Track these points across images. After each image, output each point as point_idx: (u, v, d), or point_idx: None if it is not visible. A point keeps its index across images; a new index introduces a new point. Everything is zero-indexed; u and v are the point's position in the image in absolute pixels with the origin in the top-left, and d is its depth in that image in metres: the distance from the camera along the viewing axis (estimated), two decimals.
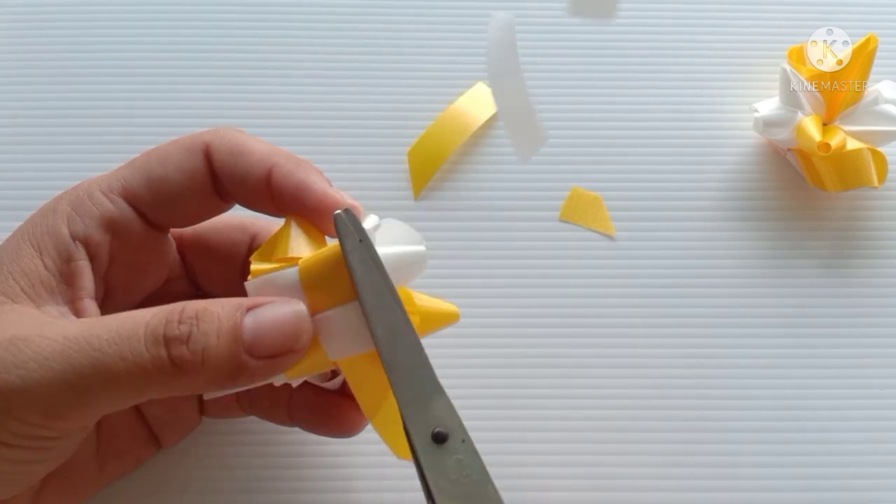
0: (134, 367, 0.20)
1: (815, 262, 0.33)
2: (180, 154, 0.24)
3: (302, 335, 0.21)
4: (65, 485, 0.25)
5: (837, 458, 0.30)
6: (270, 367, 0.21)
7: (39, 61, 0.35)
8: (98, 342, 0.20)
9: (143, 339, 0.20)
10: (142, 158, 0.24)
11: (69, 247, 0.23)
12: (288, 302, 0.21)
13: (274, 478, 0.29)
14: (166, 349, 0.20)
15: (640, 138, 0.34)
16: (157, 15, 0.36)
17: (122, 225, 0.23)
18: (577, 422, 0.30)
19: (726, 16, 0.36)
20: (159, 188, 0.23)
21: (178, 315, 0.20)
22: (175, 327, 0.20)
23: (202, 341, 0.20)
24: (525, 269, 0.32)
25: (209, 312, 0.21)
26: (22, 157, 0.33)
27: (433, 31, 0.36)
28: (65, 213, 0.23)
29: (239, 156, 0.23)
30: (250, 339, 0.21)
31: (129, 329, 0.20)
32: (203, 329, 0.20)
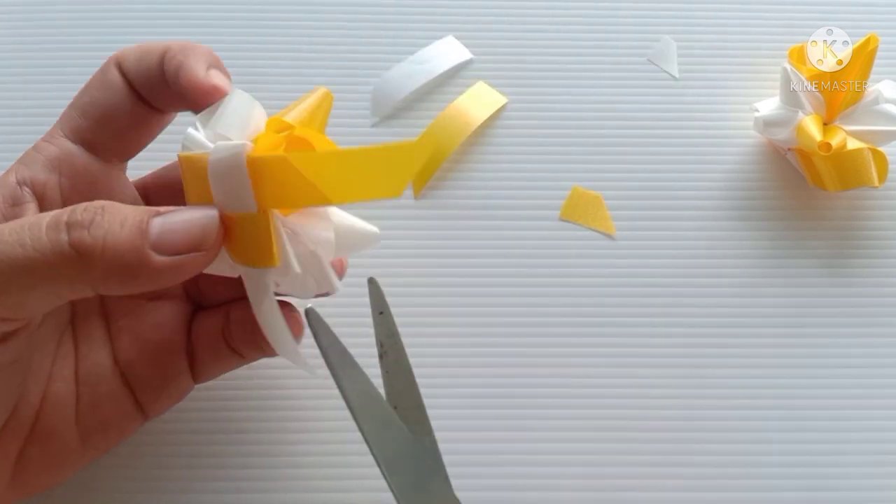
0: (32, 253, 0.20)
1: (815, 262, 0.33)
2: (97, 76, 0.25)
3: (209, 236, 0.21)
4: (46, 456, 0.24)
5: (838, 458, 0.30)
6: (176, 266, 0.21)
7: (35, 60, 0.35)
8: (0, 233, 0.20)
9: (44, 226, 0.20)
10: (73, 98, 0.25)
11: (14, 191, 0.23)
12: (201, 209, 0.22)
13: (270, 477, 0.29)
14: (67, 234, 0.20)
15: (640, 138, 0.34)
16: (155, 15, 0.36)
17: (67, 160, 0.24)
18: (576, 422, 0.30)
19: (726, 16, 0.36)
20: (91, 112, 0.25)
21: (84, 205, 0.21)
22: (78, 214, 0.20)
23: (104, 227, 0.20)
24: (525, 269, 0.32)
25: (115, 206, 0.21)
26: None
27: (433, 31, 0.36)
28: (14, 168, 0.24)
29: (142, 56, 0.24)
30: (156, 234, 0.20)
31: (34, 220, 0.20)
32: (107, 218, 0.20)
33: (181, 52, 0.24)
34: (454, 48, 0.35)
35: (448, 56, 0.35)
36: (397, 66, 0.35)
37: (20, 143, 0.33)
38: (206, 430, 0.29)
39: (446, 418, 0.30)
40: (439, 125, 0.34)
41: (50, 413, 0.24)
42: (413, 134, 0.34)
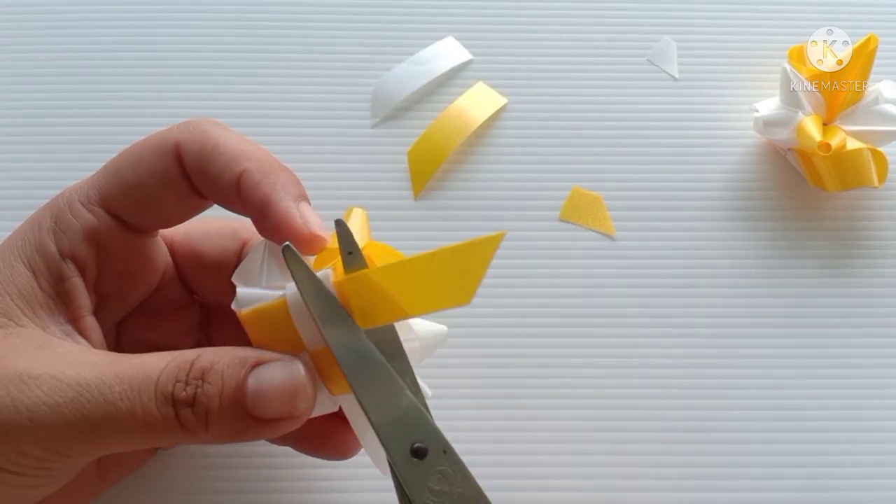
0: (143, 423, 0.20)
1: (815, 262, 0.33)
2: (151, 156, 0.23)
3: (300, 402, 0.21)
4: (67, 498, 0.25)
5: (837, 458, 0.30)
6: (272, 429, 0.21)
7: (35, 60, 0.35)
8: (111, 394, 0.20)
9: (153, 396, 0.20)
10: (115, 163, 0.24)
11: (61, 266, 0.23)
12: (290, 362, 0.21)
13: (272, 478, 0.29)
14: (174, 409, 0.20)
15: (640, 138, 0.34)
16: (155, 15, 0.36)
17: (105, 235, 0.23)
18: (576, 422, 0.30)
19: (726, 16, 0.36)
20: (135, 194, 0.23)
21: (186, 374, 0.20)
22: (182, 388, 0.20)
23: (205, 404, 0.20)
24: (525, 269, 0.32)
25: (213, 373, 0.21)
26: (21, 156, 0.33)
27: (433, 31, 0.36)
28: (49, 229, 0.23)
29: (209, 157, 0.22)
30: (251, 402, 0.21)
31: (141, 383, 0.20)
32: (206, 391, 0.20)
33: (265, 180, 0.22)
34: (454, 49, 0.35)
35: (448, 57, 0.35)
36: (397, 67, 0.35)
37: (20, 143, 0.33)
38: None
39: (447, 418, 0.30)
40: (439, 125, 0.34)
41: None
42: (413, 134, 0.34)
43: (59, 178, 0.33)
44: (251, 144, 0.23)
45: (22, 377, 0.20)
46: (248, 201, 0.22)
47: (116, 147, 0.33)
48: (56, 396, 0.20)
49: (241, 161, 0.22)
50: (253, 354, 0.21)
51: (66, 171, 0.33)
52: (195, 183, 0.23)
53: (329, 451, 0.25)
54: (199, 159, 0.23)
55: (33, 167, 0.33)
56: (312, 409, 0.22)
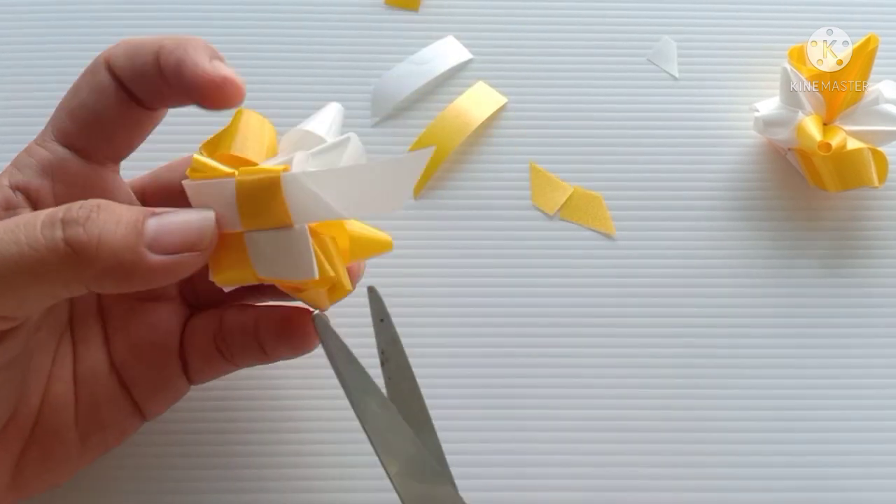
0: (27, 250, 0.20)
1: (815, 262, 0.33)
2: (87, 78, 0.24)
3: (205, 237, 0.22)
4: (46, 457, 0.24)
5: (837, 458, 0.30)
6: (171, 265, 0.21)
7: (34, 60, 0.35)
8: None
9: (39, 223, 0.20)
10: (62, 101, 0.24)
11: (8, 195, 0.23)
12: (198, 211, 0.22)
13: (263, 464, 0.29)
14: (62, 231, 0.20)
15: (640, 138, 0.34)
16: (154, 14, 0.36)
17: (60, 167, 0.24)
18: (576, 422, 0.30)
19: (726, 16, 0.36)
20: (80, 115, 0.24)
21: (80, 203, 0.21)
22: (74, 211, 0.20)
23: (100, 225, 0.20)
24: (525, 269, 0.32)
25: (111, 204, 0.21)
26: None
27: (432, 31, 0.36)
28: (7, 171, 0.24)
29: (134, 56, 0.23)
30: (152, 234, 0.21)
31: (29, 217, 0.20)
32: (103, 216, 0.20)
33: (178, 47, 0.23)
34: (454, 48, 0.35)
35: (448, 56, 0.35)
36: (397, 67, 0.35)
37: (19, 144, 0.33)
38: (206, 430, 0.29)
39: (447, 418, 0.30)
40: (439, 125, 0.34)
41: (50, 414, 0.24)
42: (413, 134, 0.34)
43: None
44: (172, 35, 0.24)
45: None
46: (166, 72, 0.23)
47: None
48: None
49: (158, 42, 0.23)
50: (153, 209, 0.21)
51: None
52: (130, 87, 0.24)
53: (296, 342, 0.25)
54: (126, 62, 0.23)
55: None
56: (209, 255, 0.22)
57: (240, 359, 0.26)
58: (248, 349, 0.26)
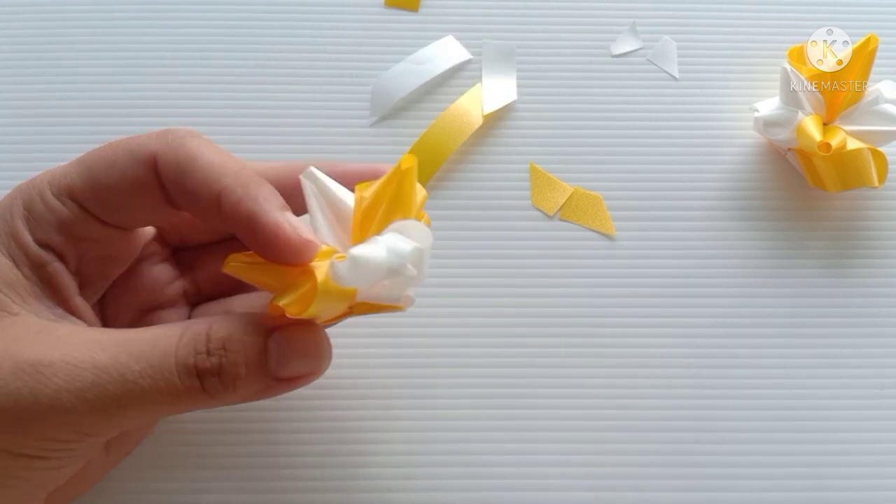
0: (168, 396, 0.21)
1: (815, 262, 0.33)
2: (126, 161, 0.23)
3: (323, 364, 0.23)
4: (78, 475, 0.25)
5: (837, 458, 0.30)
6: (294, 385, 0.22)
7: (34, 60, 0.35)
8: (131, 374, 0.20)
9: (175, 371, 0.21)
10: (89, 159, 0.23)
11: (39, 253, 0.23)
12: (310, 330, 0.22)
13: (270, 466, 0.29)
14: (199, 382, 0.21)
15: (640, 138, 0.34)
16: (153, 14, 0.36)
17: (78, 226, 0.23)
18: (576, 422, 0.30)
19: (726, 16, 0.36)
20: (104, 195, 0.23)
21: (206, 346, 0.21)
22: (205, 359, 0.21)
23: (232, 372, 0.21)
24: (525, 269, 0.32)
25: (234, 341, 0.21)
26: (19, 155, 0.33)
27: (432, 31, 0.36)
28: (22, 217, 0.23)
29: (186, 172, 0.22)
30: (274, 366, 0.22)
31: (160, 360, 0.21)
32: (231, 360, 0.21)
33: (246, 194, 0.22)
34: (453, 48, 0.35)
35: (447, 56, 0.35)
36: (396, 66, 0.35)
37: (19, 143, 0.33)
38: (211, 431, 0.29)
39: (446, 418, 0.30)
40: (440, 125, 0.34)
41: None
42: (411, 134, 0.34)
43: None
44: (229, 158, 0.23)
45: (35, 367, 0.20)
46: (233, 218, 0.22)
47: None
48: (75, 382, 0.20)
49: (219, 178, 0.22)
50: (264, 319, 0.22)
51: None
52: (172, 196, 0.23)
53: None
54: (176, 174, 0.22)
55: (33, 167, 0.33)
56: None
57: None
58: None
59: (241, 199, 0.22)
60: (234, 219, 0.22)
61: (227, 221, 0.22)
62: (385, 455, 0.29)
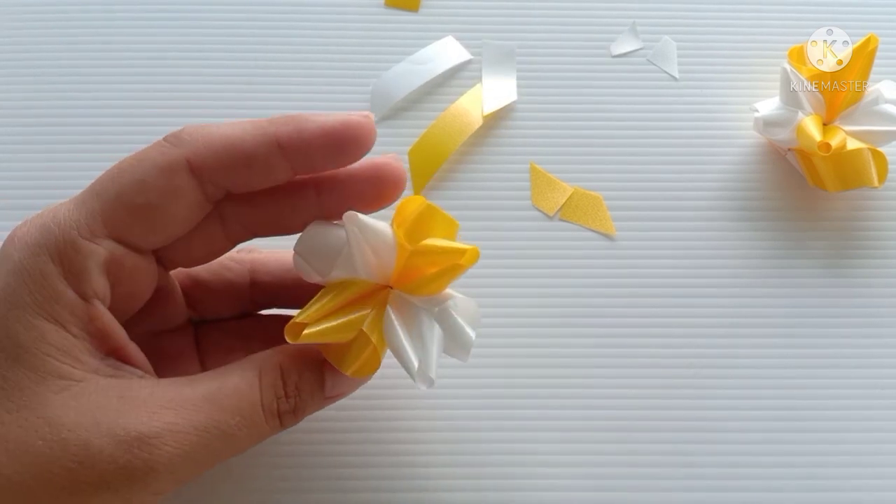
0: (257, 438, 0.23)
1: (815, 262, 0.33)
2: (158, 177, 0.22)
3: (366, 379, 0.25)
4: None
5: (838, 458, 0.30)
6: (342, 397, 0.25)
7: (35, 60, 0.35)
8: (229, 428, 0.22)
9: (264, 417, 0.23)
10: (114, 187, 0.22)
11: (88, 309, 0.22)
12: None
13: (275, 477, 0.29)
14: (280, 421, 0.23)
15: (640, 138, 0.34)
16: (153, 15, 0.36)
17: (115, 264, 0.22)
18: (576, 422, 0.30)
19: (726, 16, 0.36)
20: (145, 216, 0.22)
21: (283, 390, 0.23)
22: (285, 403, 0.23)
23: (303, 407, 0.24)
24: (525, 269, 0.32)
25: (304, 381, 0.24)
26: (19, 156, 0.33)
27: (432, 31, 0.36)
28: (58, 275, 0.21)
29: (229, 152, 0.22)
30: (329, 391, 0.25)
31: (250, 411, 0.23)
32: (304, 398, 0.24)
33: (285, 123, 0.22)
34: (453, 49, 0.35)
35: (447, 56, 0.35)
36: (396, 67, 0.35)
37: (20, 144, 0.33)
38: None
39: (446, 418, 0.30)
40: (440, 125, 0.34)
41: None
42: (411, 134, 0.34)
43: (55, 178, 0.33)
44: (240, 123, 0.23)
45: (142, 440, 0.21)
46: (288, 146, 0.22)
47: (113, 147, 0.33)
48: (184, 446, 0.21)
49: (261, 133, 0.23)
50: (317, 354, 0.24)
51: (64, 171, 0.33)
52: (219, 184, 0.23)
53: None
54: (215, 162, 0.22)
55: (32, 167, 0.33)
56: None
57: None
58: None
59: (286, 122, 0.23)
60: (289, 146, 0.22)
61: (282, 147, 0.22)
62: (384, 455, 0.29)
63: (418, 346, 0.23)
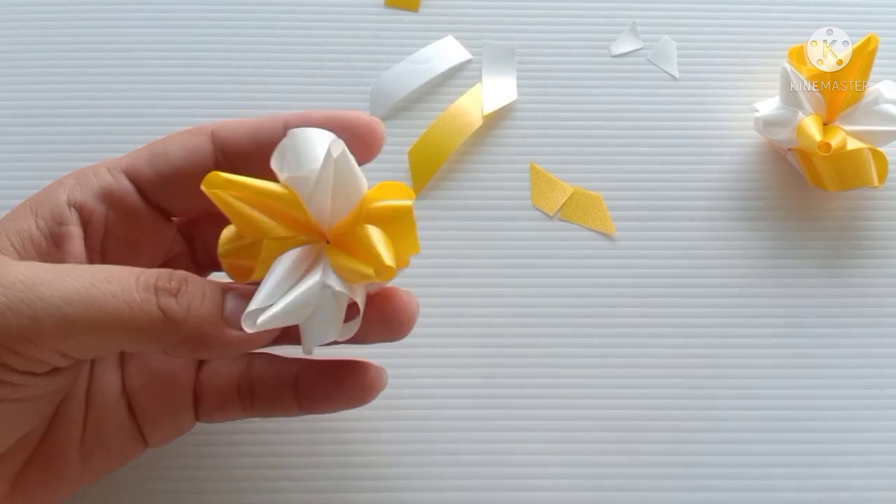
0: (123, 306, 0.21)
1: (815, 262, 0.33)
2: (184, 137, 0.24)
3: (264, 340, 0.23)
4: (46, 473, 0.24)
5: (837, 458, 0.30)
6: (244, 340, 0.22)
7: (36, 60, 0.35)
8: (92, 277, 0.21)
9: (135, 284, 0.21)
10: (148, 144, 0.25)
11: (63, 210, 0.23)
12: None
13: (266, 477, 0.29)
14: (156, 297, 0.21)
15: (640, 138, 0.34)
16: (153, 15, 0.36)
17: (120, 197, 0.24)
18: (576, 422, 0.30)
19: (726, 16, 0.36)
20: (160, 163, 0.24)
21: (168, 273, 0.22)
22: (166, 281, 0.21)
23: (189, 298, 0.22)
24: (525, 269, 0.32)
25: (195, 281, 0.22)
26: (18, 156, 0.33)
27: (432, 31, 0.36)
28: (67, 185, 0.24)
29: (256, 132, 0.24)
30: (229, 311, 0.22)
31: (122, 272, 0.21)
32: (191, 289, 0.22)
33: (295, 112, 0.24)
34: (453, 48, 0.35)
35: (447, 56, 0.35)
36: (396, 66, 0.35)
37: (20, 144, 0.33)
38: (208, 431, 0.29)
39: (446, 418, 0.30)
40: (440, 125, 0.34)
41: (57, 430, 0.24)
42: (411, 134, 0.34)
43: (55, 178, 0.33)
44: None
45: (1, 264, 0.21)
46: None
47: (116, 147, 0.33)
48: (34, 277, 0.20)
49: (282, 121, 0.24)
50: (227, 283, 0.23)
51: (64, 171, 0.33)
52: (228, 156, 0.24)
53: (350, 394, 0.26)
54: (236, 139, 0.24)
55: (33, 167, 0.33)
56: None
57: (262, 409, 0.26)
58: (279, 400, 0.26)
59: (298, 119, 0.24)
60: None
61: None
62: (384, 455, 0.29)
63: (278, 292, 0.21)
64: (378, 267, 0.21)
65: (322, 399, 0.26)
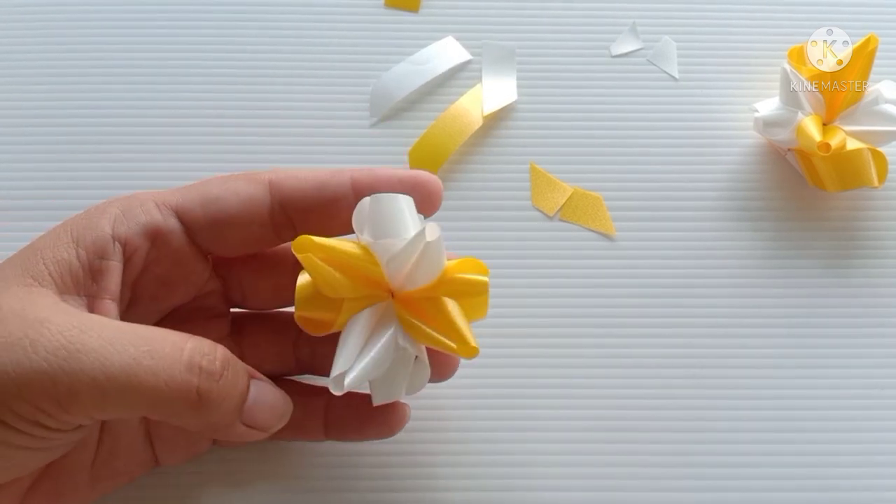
0: (162, 385, 0.20)
1: (815, 262, 0.33)
2: (241, 180, 0.24)
3: (284, 422, 0.24)
4: (54, 492, 0.24)
5: (837, 458, 0.30)
6: (245, 435, 0.23)
7: (37, 60, 0.35)
8: (136, 351, 0.20)
9: (182, 365, 0.21)
10: (202, 182, 0.25)
11: (106, 244, 0.23)
12: (284, 398, 0.24)
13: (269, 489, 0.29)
14: (198, 379, 0.21)
15: (640, 138, 0.34)
16: (153, 16, 0.36)
17: (165, 236, 0.24)
18: (576, 422, 0.30)
19: (726, 16, 0.36)
20: (213, 208, 0.24)
21: (212, 352, 0.21)
22: (213, 363, 0.21)
23: (227, 387, 0.21)
24: (525, 269, 0.32)
25: (237, 364, 0.22)
26: (23, 156, 0.33)
27: (432, 31, 0.36)
28: (112, 214, 0.23)
29: (320, 188, 0.24)
30: (248, 406, 0.22)
31: (166, 348, 0.21)
32: (230, 377, 0.22)
33: (361, 169, 0.24)
34: (453, 49, 0.35)
35: (447, 57, 0.35)
36: (396, 67, 0.35)
37: (21, 144, 0.33)
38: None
39: (446, 419, 0.30)
40: (440, 125, 0.34)
41: (70, 454, 0.24)
42: (411, 135, 0.34)
43: (56, 178, 0.33)
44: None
45: (43, 322, 0.20)
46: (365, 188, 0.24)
47: (113, 147, 0.33)
48: (77, 344, 0.20)
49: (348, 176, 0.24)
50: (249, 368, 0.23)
51: (68, 172, 0.33)
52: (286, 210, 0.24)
53: (378, 429, 0.26)
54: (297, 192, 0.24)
55: (32, 167, 0.33)
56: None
57: (286, 435, 0.26)
58: (305, 429, 0.27)
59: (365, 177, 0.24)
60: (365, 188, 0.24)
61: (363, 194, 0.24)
62: (384, 455, 0.29)
63: (358, 353, 0.22)
64: (461, 347, 0.23)
65: (351, 431, 0.26)
